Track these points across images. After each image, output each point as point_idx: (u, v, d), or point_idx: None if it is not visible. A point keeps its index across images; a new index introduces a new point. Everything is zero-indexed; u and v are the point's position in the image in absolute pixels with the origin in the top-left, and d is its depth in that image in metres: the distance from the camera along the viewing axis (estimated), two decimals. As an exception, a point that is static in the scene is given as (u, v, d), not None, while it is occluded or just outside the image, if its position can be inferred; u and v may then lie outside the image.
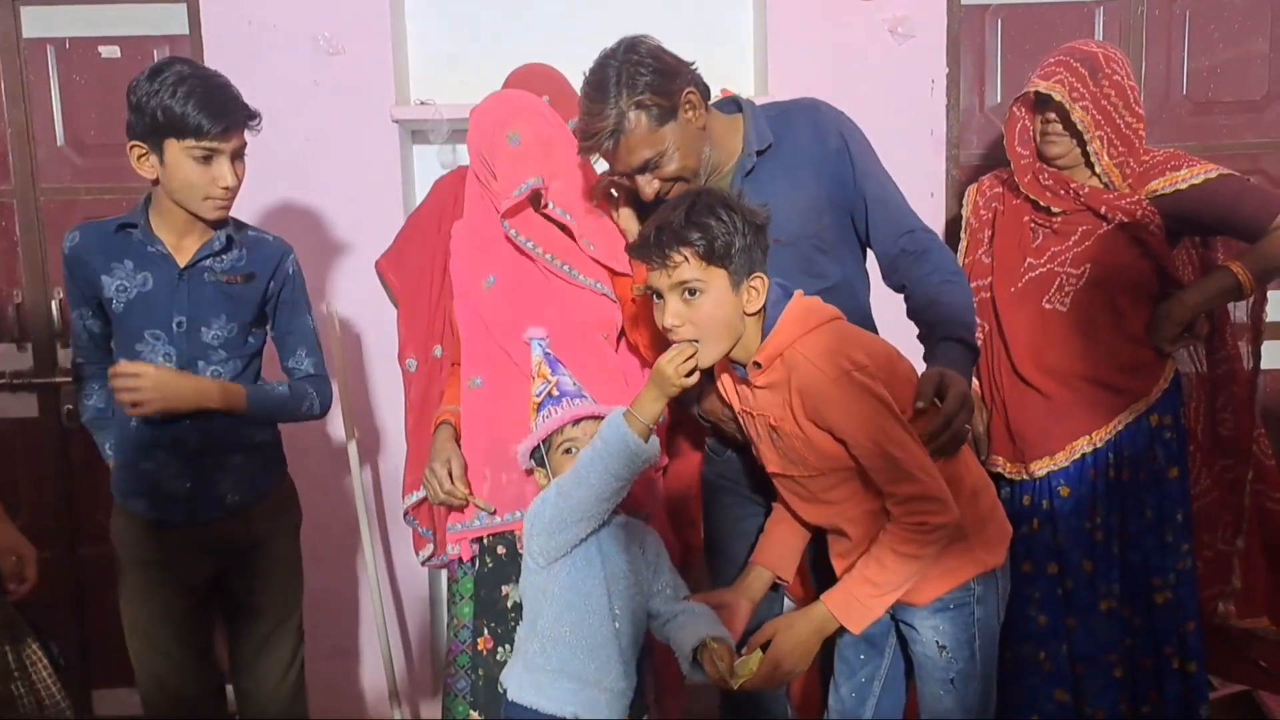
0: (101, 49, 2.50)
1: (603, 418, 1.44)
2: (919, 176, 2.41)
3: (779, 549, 1.60)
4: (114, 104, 2.44)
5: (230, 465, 1.75)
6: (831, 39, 2.38)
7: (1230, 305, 1.94)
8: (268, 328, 1.84)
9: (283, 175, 2.40)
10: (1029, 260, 1.91)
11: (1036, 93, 1.83)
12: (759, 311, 1.42)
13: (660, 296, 1.41)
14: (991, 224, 2.00)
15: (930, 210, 2.41)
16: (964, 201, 2.08)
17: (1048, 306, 1.87)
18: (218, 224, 1.71)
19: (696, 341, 1.38)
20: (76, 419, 2.50)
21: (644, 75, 1.50)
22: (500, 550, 1.77)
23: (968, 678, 1.48)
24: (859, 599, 1.41)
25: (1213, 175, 1.78)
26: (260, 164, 2.38)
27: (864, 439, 1.35)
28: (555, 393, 1.53)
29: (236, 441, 1.76)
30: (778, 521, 1.62)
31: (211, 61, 2.39)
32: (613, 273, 1.78)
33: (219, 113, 1.59)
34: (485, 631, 1.75)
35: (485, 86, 2.04)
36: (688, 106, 1.54)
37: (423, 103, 2.40)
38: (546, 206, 1.73)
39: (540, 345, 1.62)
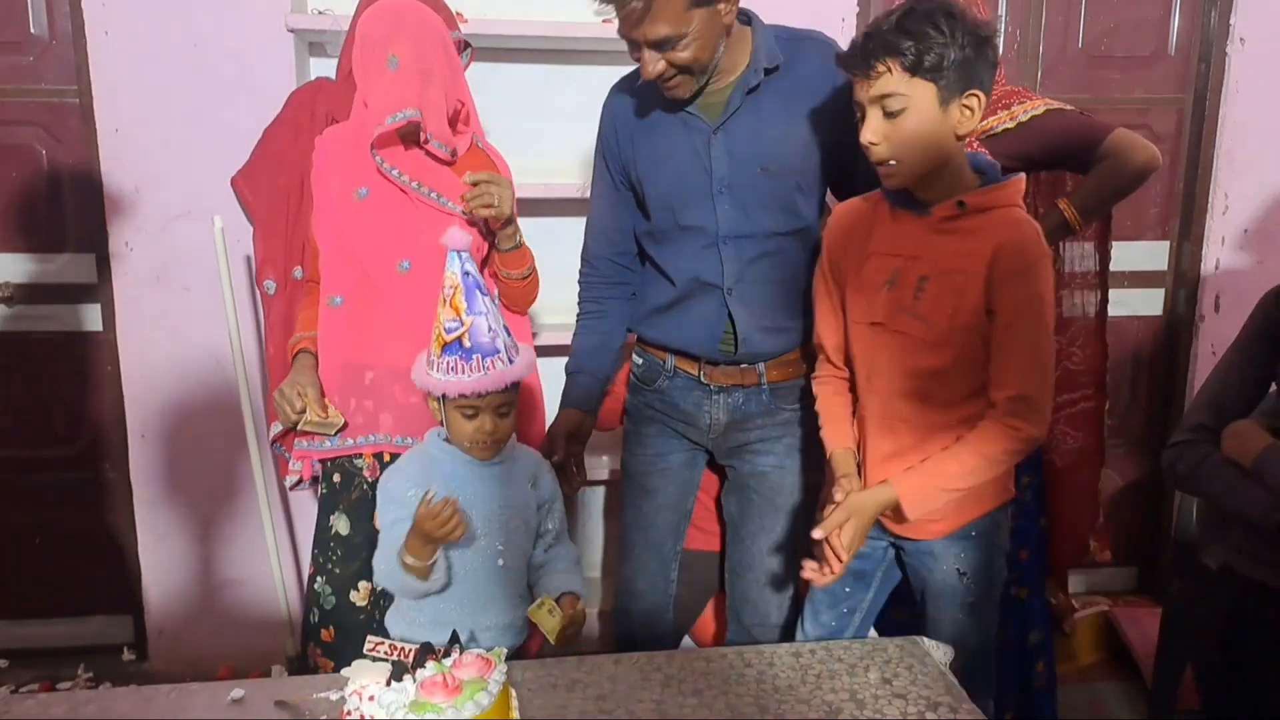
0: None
1: (510, 386, 1.41)
2: (824, 115, 2.43)
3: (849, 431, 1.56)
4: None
5: None
6: (744, -29, 2.35)
7: (1066, 249, 1.99)
8: None
9: (169, 85, 2.27)
10: None
11: None
12: (968, 136, 1.35)
13: (861, 111, 1.35)
14: None
15: (834, 150, 2.44)
16: None
17: None
18: None
19: (892, 162, 1.32)
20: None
21: None
22: (336, 478, 1.75)
23: (985, 602, 1.52)
24: (925, 488, 1.39)
25: (1039, 111, 1.77)
26: (144, 72, 2.27)
27: (1029, 324, 1.33)
28: (467, 342, 1.38)
29: None
30: (835, 410, 1.57)
31: (87, -44, 2.23)
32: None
33: None
34: (313, 560, 1.75)
35: (384, -3, 1.95)
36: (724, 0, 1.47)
37: (320, 12, 2.28)
38: (427, 142, 1.67)
39: (460, 260, 1.38)
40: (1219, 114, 2.58)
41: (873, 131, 1.33)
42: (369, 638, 1.19)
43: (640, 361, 1.79)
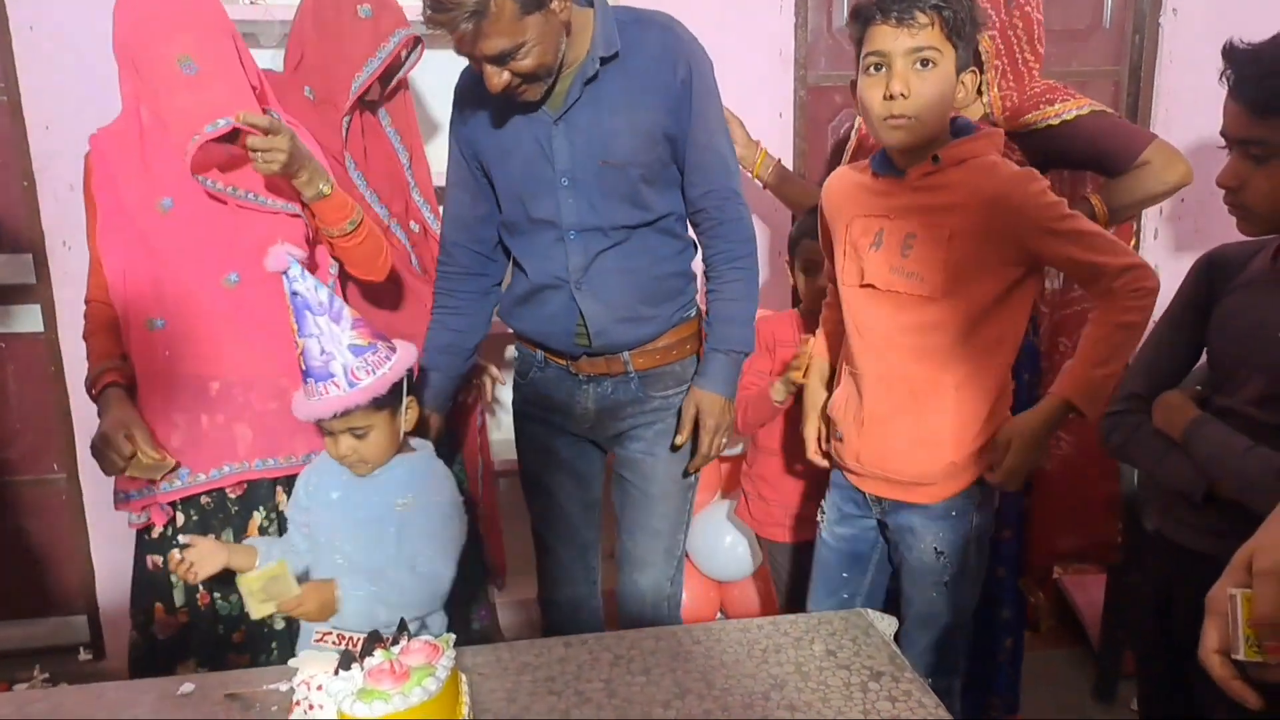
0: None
1: (364, 409, 1.36)
2: (768, 96, 2.44)
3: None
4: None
5: None
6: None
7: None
8: None
9: (99, 79, 2.17)
10: None
11: None
12: (956, 111, 1.42)
13: (880, 66, 1.36)
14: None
15: (779, 130, 2.46)
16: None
17: None
18: None
19: (910, 118, 1.36)
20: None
21: None
22: (205, 500, 1.62)
23: (959, 580, 1.53)
24: (1093, 380, 1.41)
25: (1084, 111, 1.78)
26: (72, 67, 2.21)
27: (1067, 225, 1.37)
28: (302, 365, 1.36)
29: None
30: (826, 331, 1.69)
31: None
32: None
33: None
34: (200, 587, 1.60)
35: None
36: None
37: (253, 2, 2.24)
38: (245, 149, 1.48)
39: (288, 281, 1.34)
40: (1154, 85, 2.63)
41: (903, 82, 1.34)
42: (316, 628, 1.19)
43: (517, 355, 1.78)
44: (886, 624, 1.44)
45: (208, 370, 1.59)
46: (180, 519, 1.64)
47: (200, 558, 1.39)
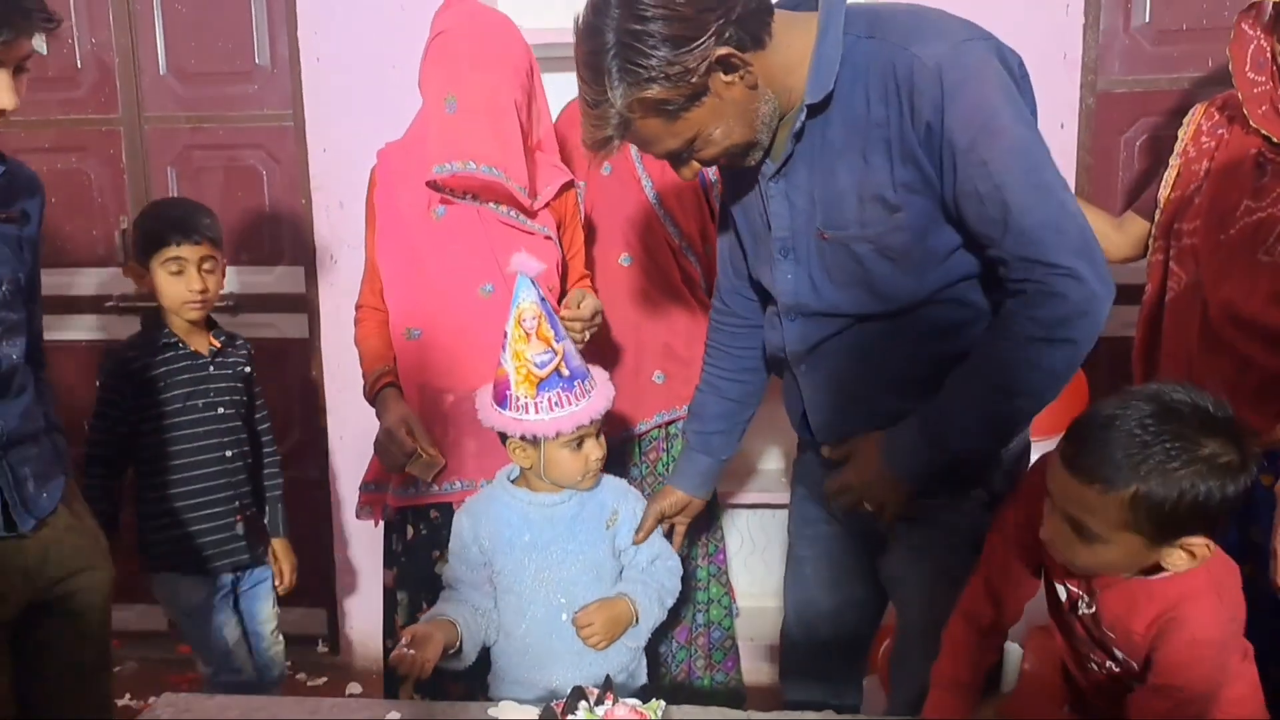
0: (203, -24, 2.51)
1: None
2: (1049, 105, 2.08)
3: None
4: (214, 33, 2.46)
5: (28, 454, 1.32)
6: (956, -53, 2.12)
7: None
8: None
9: (369, 104, 2.36)
10: (1246, 203, 1.57)
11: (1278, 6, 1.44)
12: None
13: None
14: (1211, 156, 1.67)
15: (1061, 143, 2.16)
16: (1184, 123, 1.75)
17: (1264, 259, 1.53)
18: None
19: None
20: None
21: (649, 56, 1.06)
22: (434, 515, 1.66)
23: None
24: None
25: None
26: (348, 93, 2.36)
27: None
28: (565, 371, 1.26)
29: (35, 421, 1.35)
30: None
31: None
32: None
33: None
34: (424, 603, 1.61)
35: None
36: (720, 71, 1.09)
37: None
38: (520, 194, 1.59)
39: (535, 287, 1.26)
40: None
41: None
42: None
43: None
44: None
45: (447, 382, 1.62)
46: (410, 532, 1.68)
47: (425, 649, 1.24)
